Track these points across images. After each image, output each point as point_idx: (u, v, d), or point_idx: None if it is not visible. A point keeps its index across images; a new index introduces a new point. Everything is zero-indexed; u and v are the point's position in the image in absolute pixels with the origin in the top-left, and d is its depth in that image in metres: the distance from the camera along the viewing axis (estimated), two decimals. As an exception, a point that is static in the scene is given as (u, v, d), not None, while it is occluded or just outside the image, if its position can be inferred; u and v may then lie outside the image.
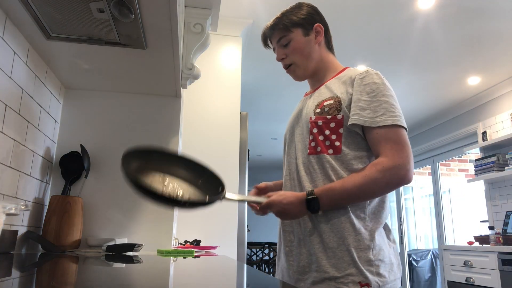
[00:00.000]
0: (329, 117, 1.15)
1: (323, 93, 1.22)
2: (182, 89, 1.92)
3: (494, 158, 4.16)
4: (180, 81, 1.79)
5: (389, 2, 2.96)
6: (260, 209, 1.15)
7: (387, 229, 1.17)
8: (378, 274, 1.05)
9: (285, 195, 1.12)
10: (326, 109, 1.16)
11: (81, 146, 1.70)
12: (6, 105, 1.27)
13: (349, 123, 1.12)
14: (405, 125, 1.11)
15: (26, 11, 1.21)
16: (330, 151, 1.13)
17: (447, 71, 4.11)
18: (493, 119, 4.51)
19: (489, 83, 4.38)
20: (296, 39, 1.26)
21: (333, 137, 1.13)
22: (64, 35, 1.36)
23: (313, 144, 1.16)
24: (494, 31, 3.33)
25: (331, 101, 1.17)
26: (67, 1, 1.16)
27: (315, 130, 1.16)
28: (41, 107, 1.57)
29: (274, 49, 1.33)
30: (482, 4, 2.95)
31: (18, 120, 1.37)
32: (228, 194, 1.08)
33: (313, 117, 1.18)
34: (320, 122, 1.16)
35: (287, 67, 1.31)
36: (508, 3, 2.93)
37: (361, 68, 1.23)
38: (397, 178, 1.05)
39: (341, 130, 1.13)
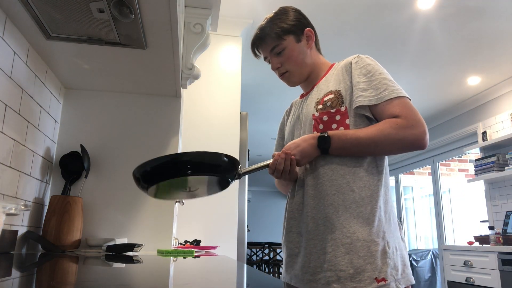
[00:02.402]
0: (333, 110, 1.16)
1: (320, 90, 1.23)
2: (182, 89, 1.92)
3: (494, 158, 4.16)
4: (180, 81, 1.79)
5: (389, 2, 2.96)
6: (279, 159, 1.13)
7: (399, 225, 1.17)
8: (394, 268, 1.05)
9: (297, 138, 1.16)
10: (328, 103, 1.17)
11: (81, 146, 1.70)
12: (6, 105, 1.27)
13: (354, 106, 1.13)
14: (408, 96, 1.12)
15: (26, 11, 1.21)
16: None
17: (447, 71, 4.11)
18: (493, 119, 4.51)
19: (489, 83, 4.38)
20: (289, 47, 1.26)
21: (341, 129, 1.14)
22: (64, 35, 1.36)
23: None
24: (494, 31, 3.33)
25: (331, 95, 1.18)
26: (67, 1, 1.16)
27: (321, 127, 1.17)
28: (41, 107, 1.57)
29: (265, 58, 1.33)
30: (482, 4, 2.95)
31: (18, 120, 1.37)
32: (243, 169, 1.13)
33: (316, 114, 1.18)
34: (325, 118, 1.16)
35: (282, 74, 1.31)
36: (508, 3, 2.93)
37: (350, 56, 1.23)
38: (412, 138, 1.06)
39: (347, 121, 1.14)
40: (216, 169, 1.07)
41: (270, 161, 1.16)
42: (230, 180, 1.11)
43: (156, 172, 1.03)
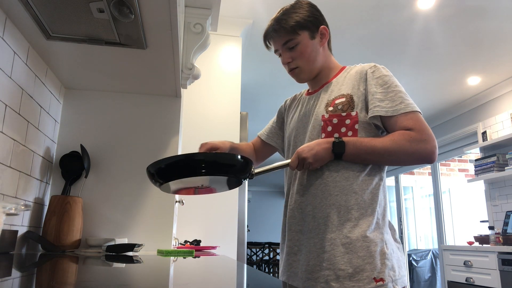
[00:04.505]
0: (343, 114, 1.16)
1: (331, 92, 1.22)
2: (182, 89, 1.92)
3: (494, 158, 4.16)
4: (180, 81, 1.79)
5: (389, 2, 2.96)
6: (293, 164, 1.13)
7: (392, 229, 1.18)
8: (391, 269, 1.06)
9: (311, 142, 1.16)
10: (340, 106, 1.17)
11: (81, 146, 1.70)
12: (6, 105, 1.27)
13: (370, 115, 1.13)
14: (421, 112, 1.13)
15: (26, 11, 1.21)
16: None
17: (447, 71, 4.11)
18: (493, 119, 4.51)
19: (489, 83, 4.38)
20: (303, 42, 1.23)
21: (349, 133, 1.14)
22: (64, 35, 1.36)
23: None
24: (494, 31, 3.33)
25: (343, 99, 1.18)
26: (67, 1, 1.16)
27: (329, 129, 1.17)
28: (41, 107, 1.57)
29: (275, 51, 1.30)
30: (482, 4, 2.95)
31: (18, 120, 1.37)
32: (257, 169, 1.14)
33: (326, 115, 1.18)
34: (335, 120, 1.16)
35: (291, 70, 1.28)
36: (509, 3, 2.93)
37: (365, 64, 1.23)
38: (424, 152, 1.07)
39: (356, 126, 1.15)
40: (230, 170, 1.09)
41: (282, 162, 1.17)
42: (242, 180, 1.13)
43: (170, 170, 1.05)
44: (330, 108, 1.18)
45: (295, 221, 1.19)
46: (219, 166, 1.06)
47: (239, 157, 1.09)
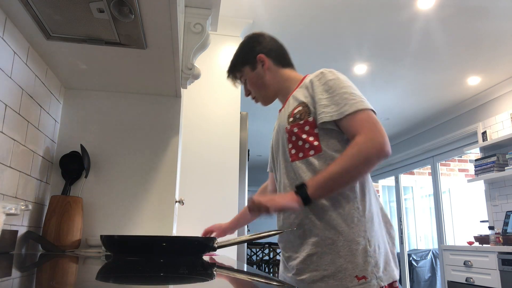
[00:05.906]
0: (301, 122, 1.20)
1: (291, 104, 1.28)
2: (182, 89, 1.92)
3: (494, 158, 4.16)
4: (180, 81, 1.79)
5: (389, 2, 2.96)
6: (251, 209, 1.15)
7: (388, 223, 1.21)
8: (375, 266, 1.08)
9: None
10: (298, 115, 1.22)
11: (81, 146, 1.70)
12: (6, 105, 1.27)
13: (318, 123, 1.17)
14: (370, 107, 1.14)
15: (26, 11, 1.21)
16: (311, 152, 1.17)
17: (447, 71, 4.11)
18: (493, 119, 4.51)
19: (489, 83, 4.38)
20: (248, 76, 1.38)
21: (311, 138, 1.18)
22: (64, 35, 1.36)
23: (293, 151, 1.21)
24: (494, 31, 3.33)
25: (300, 108, 1.22)
26: (67, 1, 1.15)
27: (293, 138, 1.21)
28: (41, 107, 1.57)
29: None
30: (482, 4, 2.95)
31: (18, 120, 1.37)
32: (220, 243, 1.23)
33: (288, 127, 1.23)
34: (295, 129, 1.21)
35: (253, 99, 1.44)
36: (509, 3, 2.93)
37: (315, 72, 1.27)
38: (374, 151, 1.07)
39: (316, 130, 1.18)
40: (185, 251, 1.15)
41: (243, 237, 1.26)
42: (202, 254, 1.23)
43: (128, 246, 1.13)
44: (291, 119, 1.23)
45: (289, 221, 1.23)
46: (174, 250, 1.13)
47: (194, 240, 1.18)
